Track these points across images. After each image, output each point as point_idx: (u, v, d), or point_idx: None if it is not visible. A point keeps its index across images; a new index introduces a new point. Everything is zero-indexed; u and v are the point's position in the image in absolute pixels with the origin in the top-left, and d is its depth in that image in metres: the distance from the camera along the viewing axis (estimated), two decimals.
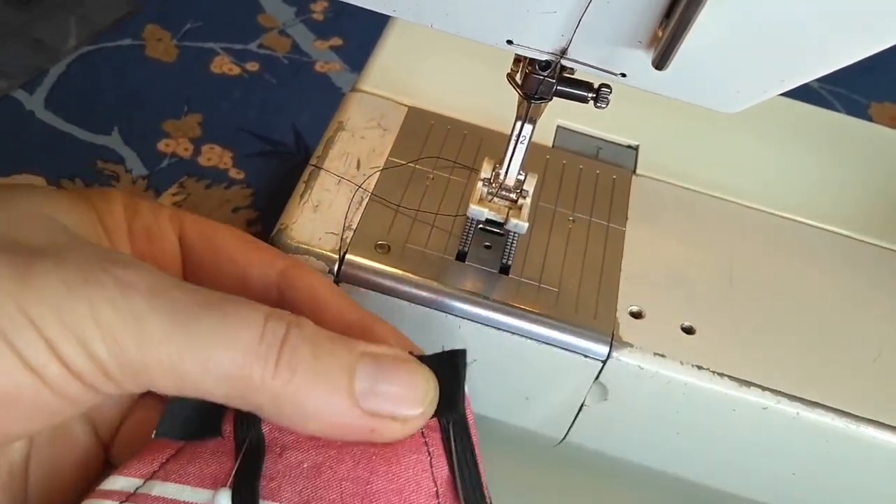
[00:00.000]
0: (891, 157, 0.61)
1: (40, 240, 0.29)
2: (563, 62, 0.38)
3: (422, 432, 0.31)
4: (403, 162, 0.51)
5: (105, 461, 0.36)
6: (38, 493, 0.33)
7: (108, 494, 0.30)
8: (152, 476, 0.31)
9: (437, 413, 0.32)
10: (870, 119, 1.00)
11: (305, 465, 0.30)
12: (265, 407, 0.29)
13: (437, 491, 0.30)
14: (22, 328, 0.26)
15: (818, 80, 0.37)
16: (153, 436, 0.31)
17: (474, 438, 0.32)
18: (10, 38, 0.90)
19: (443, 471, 0.31)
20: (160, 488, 0.30)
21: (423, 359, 0.33)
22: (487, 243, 0.48)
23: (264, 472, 0.30)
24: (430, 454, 0.31)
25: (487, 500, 0.31)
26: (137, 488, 0.30)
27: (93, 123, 0.82)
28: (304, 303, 0.36)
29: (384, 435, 0.31)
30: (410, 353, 0.33)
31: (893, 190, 0.58)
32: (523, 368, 0.47)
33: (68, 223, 0.31)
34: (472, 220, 0.45)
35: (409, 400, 0.31)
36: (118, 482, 0.31)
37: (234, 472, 0.30)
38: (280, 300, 0.37)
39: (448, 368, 0.33)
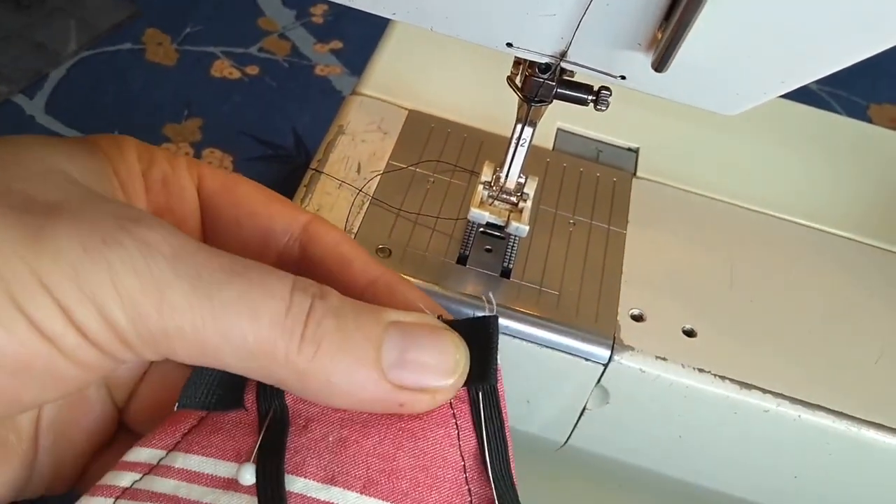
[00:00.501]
0: (891, 159, 0.61)
1: (52, 195, 0.27)
2: (563, 65, 0.38)
3: (450, 403, 0.30)
4: (404, 165, 0.51)
5: (119, 424, 0.35)
6: (50, 456, 0.32)
7: (132, 466, 0.30)
8: (175, 447, 0.30)
9: (468, 382, 0.31)
10: (869, 121, 1.00)
11: (330, 439, 0.30)
12: (289, 381, 0.28)
13: (464, 465, 0.30)
14: (36, 294, 0.24)
15: (818, 81, 0.37)
16: (175, 408, 0.31)
17: (504, 411, 0.31)
18: (11, 42, 0.90)
19: (471, 443, 0.30)
20: (183, 460, 0.30)
21: (453, 324, 0.32)
22: (488, 247, 0.48)
23: (288, 446, 0.30)
24: (457, 427, 0.30)
25: (514, 477, 0.31)
26: (161, 459, 0.30)
27: (93, 128, 0.83)
28: (327, 258, 0.35)
29: (413, 408, 0.29)
30: (439, 317, 0.32)
31: (894, 192, 0.58)
32: (525, 372, 0.47)
33: (80, 176, 0.29)
34: (473, 223, 0.45)
35: (439, 371, 0.29)
36: (142, 454, 0.30)
37: (257, 445, 0.29)
38: (302, 255, 0.35)
39: (480, 335, 0.31)
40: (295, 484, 0.29)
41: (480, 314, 0.33)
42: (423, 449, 0.30)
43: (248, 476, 0.29)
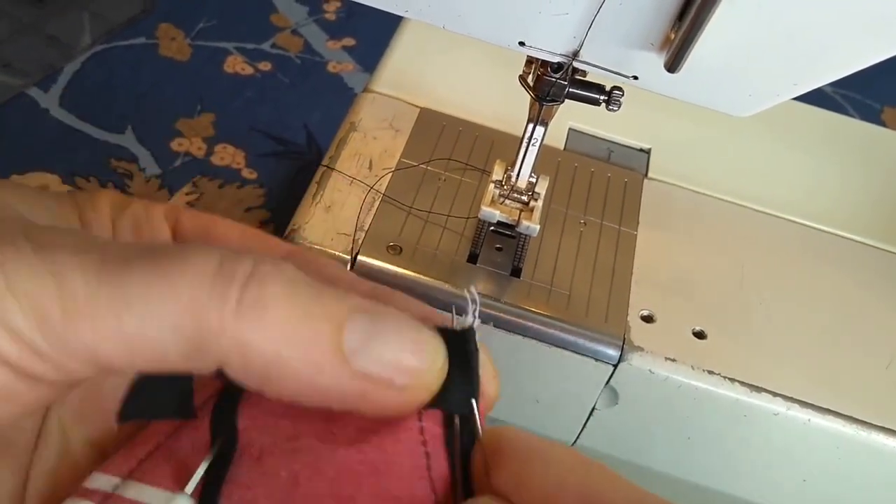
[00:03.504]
0: None
1: None
2: (576, 64, 0.38)
3: (420, 429, 0.26)
4: (415, 163, 0.51)
5: None
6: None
7: (89, 494, 0.27)
8: (130, 475, 0.27)
9: (442, 403, 0.26)
10: (883, 124, 0.99)
11: (283, 475, 0.26)
12: (232, 361, 0.24)
13: (435, 499, 0.25)
14: None
15: (831, 84, 0.37)
16: (116, 423, 0.28)
17: (480, 432, 0.27)
18: (25, 35, 0.90)
19: (442, 471, 0.26)
20: (136, 490, 0.27)
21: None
22: (499, 245, 0.48)
23: (240, 479, 0.26)
24: (427, 456, 0.26)
25: None
26: (116, 488, 0.27)
27: (106, 122, 0.83)
28: None
29: (377, 402, 0.25)
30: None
31: None
32: (534, 371, 0.47)
33: (28, 212, 0.27)
34: (484, 222, 0.45)
35: (412, 362, 0.25)
36: (99, 480, 0.28)
37: (200, 475, 0.26)
38: None
39: (457, 350, 0.27)
40: None
41: (462, 320, 0.28)
42: (386, 487, 0.25)
43: None
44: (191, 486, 0.26)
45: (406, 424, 0.26)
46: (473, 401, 0.26)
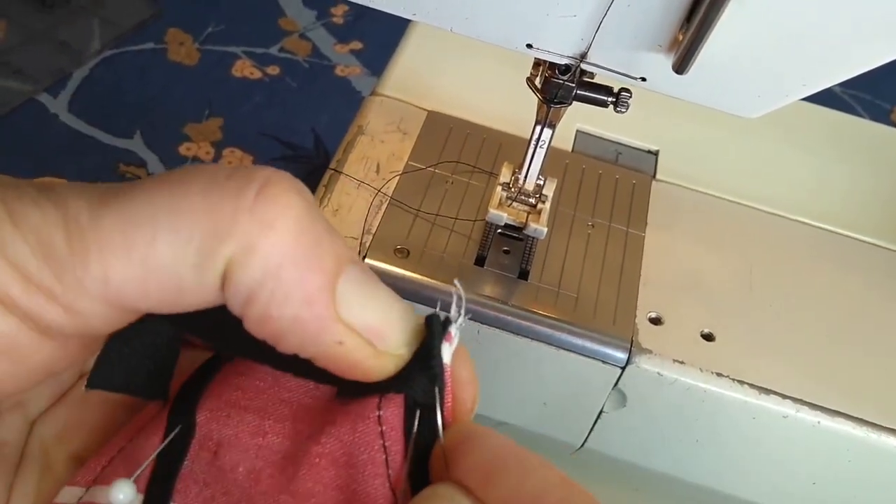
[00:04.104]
0: None
1: None
2: (583, 66, 0.38)
3: (379, 419, 0.25)
4: (423, 166, 0.51)
5: None
6: None
7: None
8: (95, 481, 0.26)
9: (404, 387, 0.25)
10: (893, 124, 0.99)
11: (241, 470, 0.25)
12: (235, 259, 0.22)
13: (392, 493, 0.25)
14: None
15: (841, 84, 0.37)
16: (84, 388, 0.27)
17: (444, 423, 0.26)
18: (36, 42, 0.91)
19: (400, 464, 0.25)
20: (93, 494, 0.26)
21: None
22: (506, 248, 0.48)
23: (196, 476, 0.25)
24: (385, 450, 0.25)
25: None
26: (80, 497, 0.26)
27: (115, 126, 0.83)
28: None
29: (351, 354, 0.24)
30: None
31: None
32: (541, 374, 0.47)
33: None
34: (492, 224, 0.45)
35: (395, 329, 0.25)
36: (66, 494, 0.27)
37: (145, 464, 0.25)
38: None
39: (429, 338, 0.26)
40: None
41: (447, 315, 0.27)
42: (345, 481, 0.25)
43: (121, 495, 0.24)
44: (136, 474, 0.25)
45: (364, 414, 0.25)
46: (437, 389, 0.25)
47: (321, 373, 0.25)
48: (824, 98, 0.45)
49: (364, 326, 0.24)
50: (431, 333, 0.26)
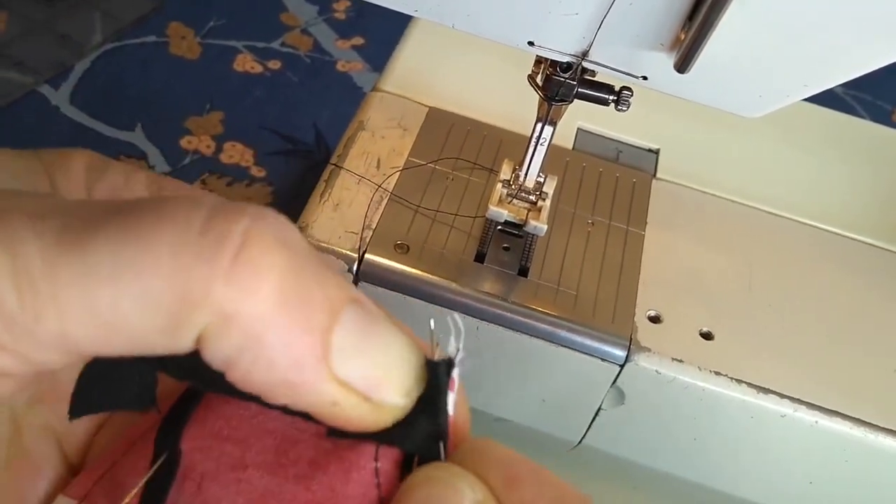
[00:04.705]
0: None
1: None
2: (585, 64, 0.38)
3: (375, 471, 0.23)
4: (423, 162, 0.51)
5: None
6: None
7: None
8: (85, 498, 0.25)
9: (404, 441, 0.23)
10: (893, 126, 0.99)
11: None
12: (209, 334, 0.20)
13: None
14: None
15: (842, 85, 0.37)
16: (68, 419, 0.25)
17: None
18: (37, 34, 0.91)
19: None
20: None
21: None
22: (506, 245, 0.48)
23: None
24: (381, 501, 0.23)
25: None
26: None
27: (116, 119, 0.83)
28: None
29: (347, 414, 0.22)
30: None
31: None
32: (540, 371, 0.47)
33: None
34: (492, 221, 0.45)
35: (395, 376, 0.22)
36: (61, 502, 0.26)
37: (130, 495, 0.24)
38: None
39: (431, 383, 0.24)
40: None
41: (445, 350, 0.25)
42: None
43: None
44: None
45: (360, 463, 0.24)
46: (441, 444, 0.23)
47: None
48: (825, 98, 0.45)
49: (361, 379, 0.22)
50: (437, 387, 0.23)
